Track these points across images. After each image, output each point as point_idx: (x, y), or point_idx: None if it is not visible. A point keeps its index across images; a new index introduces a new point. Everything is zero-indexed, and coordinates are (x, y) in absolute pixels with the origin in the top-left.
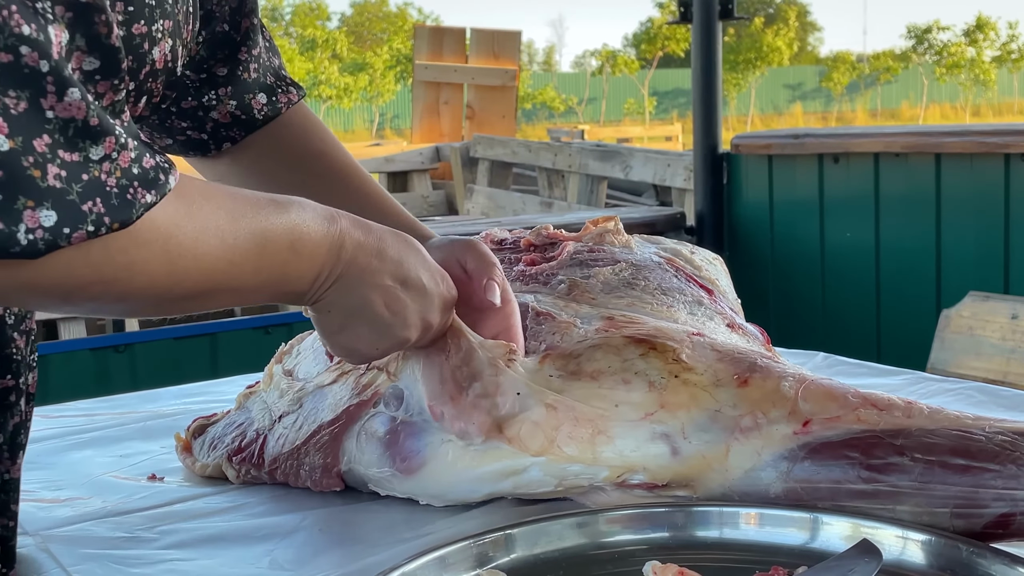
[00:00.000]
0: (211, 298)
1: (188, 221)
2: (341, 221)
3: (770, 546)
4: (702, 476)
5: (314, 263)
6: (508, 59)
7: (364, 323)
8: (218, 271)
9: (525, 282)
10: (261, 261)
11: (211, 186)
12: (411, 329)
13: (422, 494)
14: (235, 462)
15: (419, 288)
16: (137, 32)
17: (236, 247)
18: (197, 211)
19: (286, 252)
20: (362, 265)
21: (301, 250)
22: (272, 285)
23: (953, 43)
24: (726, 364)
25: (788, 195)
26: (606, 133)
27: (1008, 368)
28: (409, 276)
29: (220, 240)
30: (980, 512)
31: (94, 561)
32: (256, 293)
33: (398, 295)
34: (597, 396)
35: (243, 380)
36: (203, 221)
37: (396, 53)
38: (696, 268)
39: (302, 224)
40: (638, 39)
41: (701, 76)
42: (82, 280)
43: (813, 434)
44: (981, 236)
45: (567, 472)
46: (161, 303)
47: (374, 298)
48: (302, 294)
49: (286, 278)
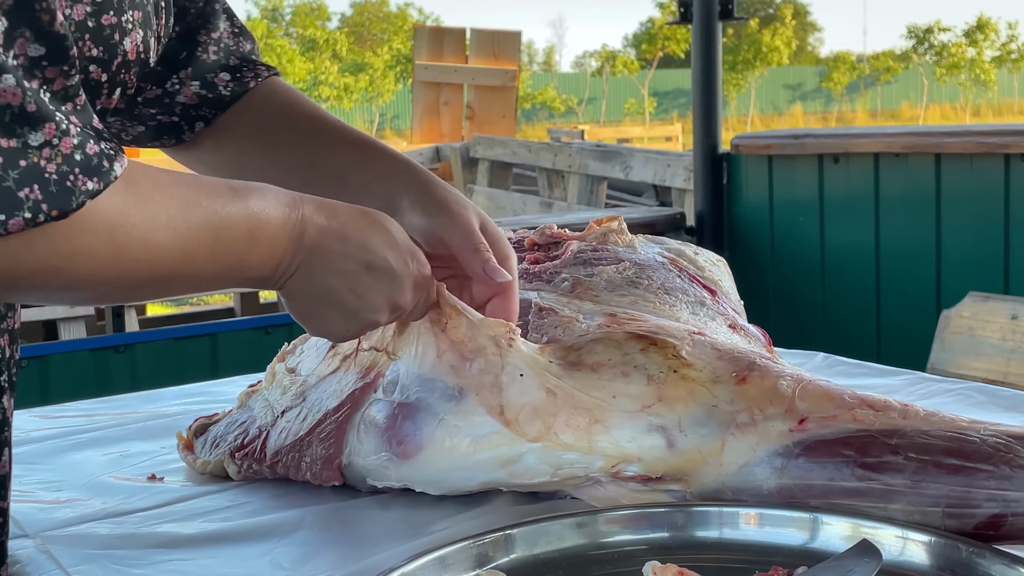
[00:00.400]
0: (167, 286)
1: (137, 209)
2: (304, 207)
3: (770, 546)
4: (696, 470)
5: (275, 250)
6: (508, 59)
7: (331, 308)
8: (171, 260)
9: (529, 280)
10: (216, 249)
11: (164, 174)
12: (380, 312)
13: (418, 480)
14: (237, 458)
15: (385, 270)
16: (107, 23)
17: (189, 236)
18: (147, 199)
19: (244, 240)
20: (325, 250)
21: (260, 237)
22: (232, 272)
23: (954, 43)
24: (725, 362)
25: (788, 195)
26: (606, 133)
27: (1008, 368)
28: (374, 259)
29: (172, 229)
30: (972, 512)
31: (94, 562)
32: (216, 280)
33: (363, 279)
34: (596, 387)
35: (244, 380)
36: (153, 210)
37: (396, 53)
38: (699, 269)
39: (261, 212)
40: (638, 39)
41: (701, 76)
42: (26, 269)
43: (809, 432)
44: (981, 236)
45: (563, 460)
46: (113, 291)
47: (339, 283)
48: (265, 280)
49: (245, 265)
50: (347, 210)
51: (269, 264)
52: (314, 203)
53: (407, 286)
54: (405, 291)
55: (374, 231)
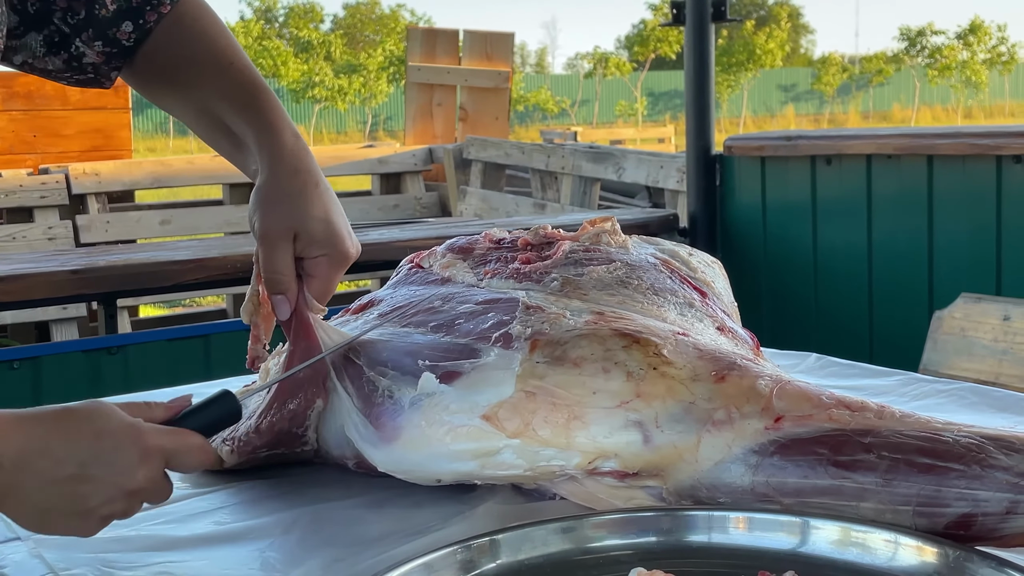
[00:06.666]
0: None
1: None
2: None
3: (757, 551)
4: (672, 466)
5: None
6: (501, 61)
7: (62, 516)
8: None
9: (519, 280)
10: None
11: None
12: (115, 503)
13: (392, 462)
14: (228, 441)
15: (102, 464)
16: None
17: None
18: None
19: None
20: (32, 470)
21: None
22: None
23: (946, 46)
24: (706, 361)
25: (781, 197)
26: (599, 135)
27: (1000, 369)
28: (86, 458)
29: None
30: (942, 511)
31: (86, 565)
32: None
33: (82, 483)
34: (577, 383)
35: (237, 382)
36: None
37: (389, 55)
38: (692, 270)
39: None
40: (631, 41)
41: (694, 78)
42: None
43: (784, 431)
44: (973, 238)
45: (540, 456)
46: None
47: (56, 493)
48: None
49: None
50: (48, 417)
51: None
52: (10, 421)
53: (132, 468)
54: (132, 473)
55: (78, 432)
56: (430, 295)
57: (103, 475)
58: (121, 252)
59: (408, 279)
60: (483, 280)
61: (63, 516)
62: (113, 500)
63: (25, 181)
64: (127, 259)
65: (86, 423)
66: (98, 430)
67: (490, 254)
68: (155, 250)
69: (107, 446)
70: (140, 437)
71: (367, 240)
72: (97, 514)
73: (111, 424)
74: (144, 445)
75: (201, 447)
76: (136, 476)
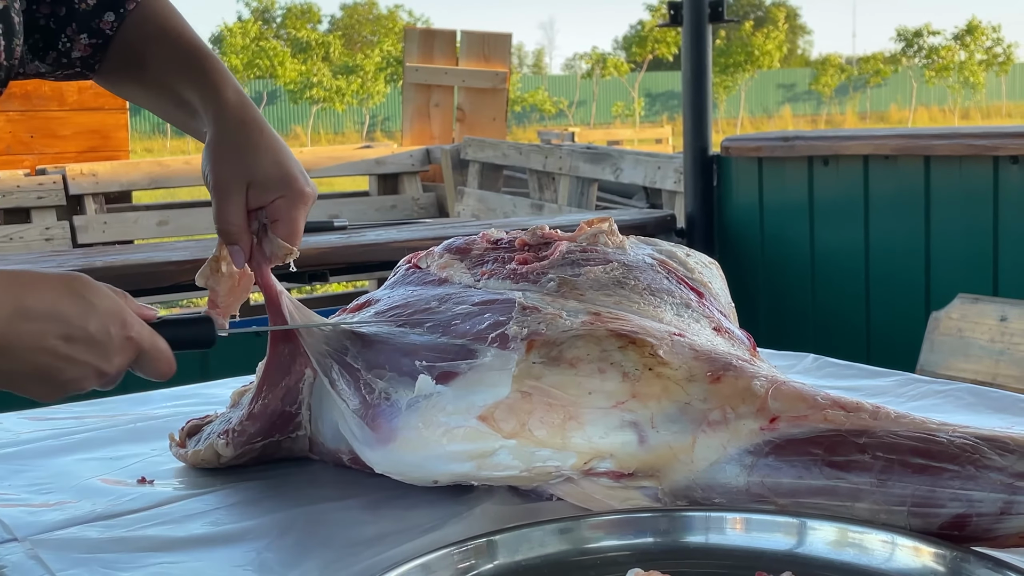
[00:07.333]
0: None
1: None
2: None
3: (754, 551)
4: (667, 466)
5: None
6: (499, 62)
7: (35, 381)
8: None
9: (516, 280)
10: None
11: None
12: (85, 381)
13: (389, 464)
14: (222, 435)
15: (85, 340)
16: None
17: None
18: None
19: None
20: (17, 331)
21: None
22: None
23: (943, 47)
24: (701, 362)
25: (778, 197)
26: (596, 135)
27: (997, 370)
28: (72, 331)
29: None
30: (936, 512)
31: (83, 566)
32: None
33: (64, 351)
34: (573, 384)
35: (234, 383)
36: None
37: (386, 55)
38: (689, 271)
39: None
40: (628, 42)
41: (691, 79)
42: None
43: (779, 431)
44: (970, 238)
45: (536, 456)
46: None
47: (40, 359)
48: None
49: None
50: (44, 284)
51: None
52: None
53: (111, 353)
54: (109, 358)
55: (71, 302)
56: (427, 295)
57: (83, 351)
58: (118, 253)
59: (405, 279)
60: (480, 280)
61: (30, 380)
62: (83, 379)
63: (22, 182)
64: (124, 260)
65: (80, 297)
66: (90, 307)
67: (487, 255)
68: (152, 251)
69: (95, 325)
70: (125, 325)
71: (365, 241)
72: (63, 387)
73: (105, 304)
74: (127, 334)
75: (168, 357)
76: (112, 361)
